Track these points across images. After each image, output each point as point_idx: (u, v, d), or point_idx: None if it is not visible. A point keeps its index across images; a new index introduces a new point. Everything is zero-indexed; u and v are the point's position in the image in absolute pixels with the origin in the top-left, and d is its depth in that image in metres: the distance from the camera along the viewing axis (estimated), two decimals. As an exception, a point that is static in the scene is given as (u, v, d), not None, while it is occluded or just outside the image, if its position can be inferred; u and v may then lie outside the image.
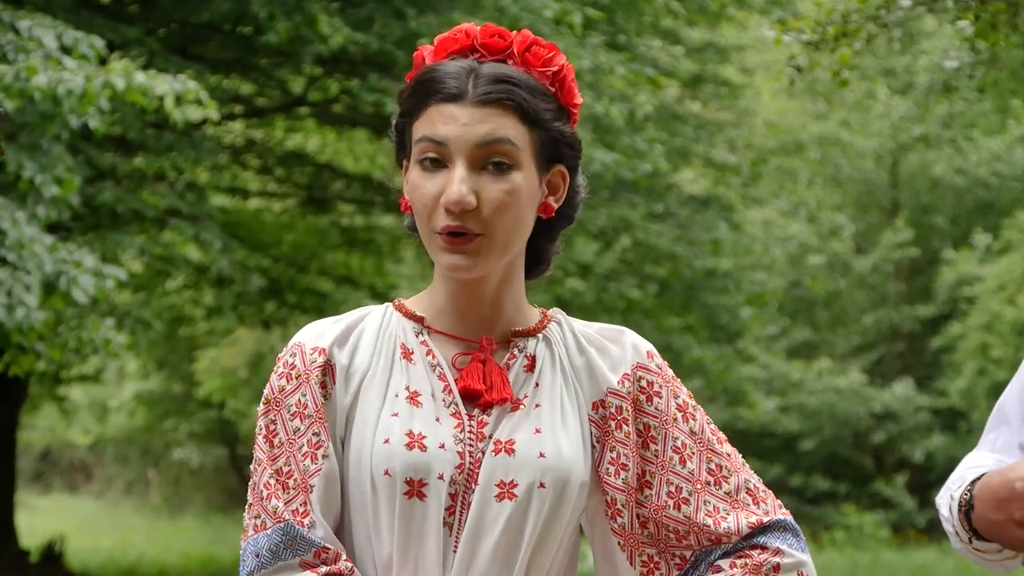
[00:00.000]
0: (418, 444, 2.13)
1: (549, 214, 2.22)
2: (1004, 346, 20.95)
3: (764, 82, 22.25)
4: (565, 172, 2.23)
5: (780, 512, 2.24)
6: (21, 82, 7.96)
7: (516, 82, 2.18)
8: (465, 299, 2.21)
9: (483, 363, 2.19)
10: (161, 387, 26.77)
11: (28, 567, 15.36)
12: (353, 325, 2.23)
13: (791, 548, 2.20)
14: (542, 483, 2.14)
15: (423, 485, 2.12)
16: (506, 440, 2.15)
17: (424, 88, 2.18)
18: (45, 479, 34.02)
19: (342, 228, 15.95)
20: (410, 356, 2.20)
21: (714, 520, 2.20)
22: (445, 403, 2.17)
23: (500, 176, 2.15)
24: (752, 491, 2.23)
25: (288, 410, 2.18)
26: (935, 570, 18.03)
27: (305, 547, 2.12)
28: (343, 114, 14.52)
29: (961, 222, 24.93)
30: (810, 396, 22.82)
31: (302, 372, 2.19)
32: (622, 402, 2.22)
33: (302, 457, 2.16)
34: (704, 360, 16.16)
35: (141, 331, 12.57)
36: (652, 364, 2.25)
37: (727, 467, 2.23)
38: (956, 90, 11.95)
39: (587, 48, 12.18)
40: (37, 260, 8.42)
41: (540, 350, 2.23)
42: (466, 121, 2.15)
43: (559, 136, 2.20)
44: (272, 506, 2.14)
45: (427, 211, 2.16)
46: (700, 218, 15.22)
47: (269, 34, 11.35)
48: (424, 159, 2.16)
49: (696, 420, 2.24)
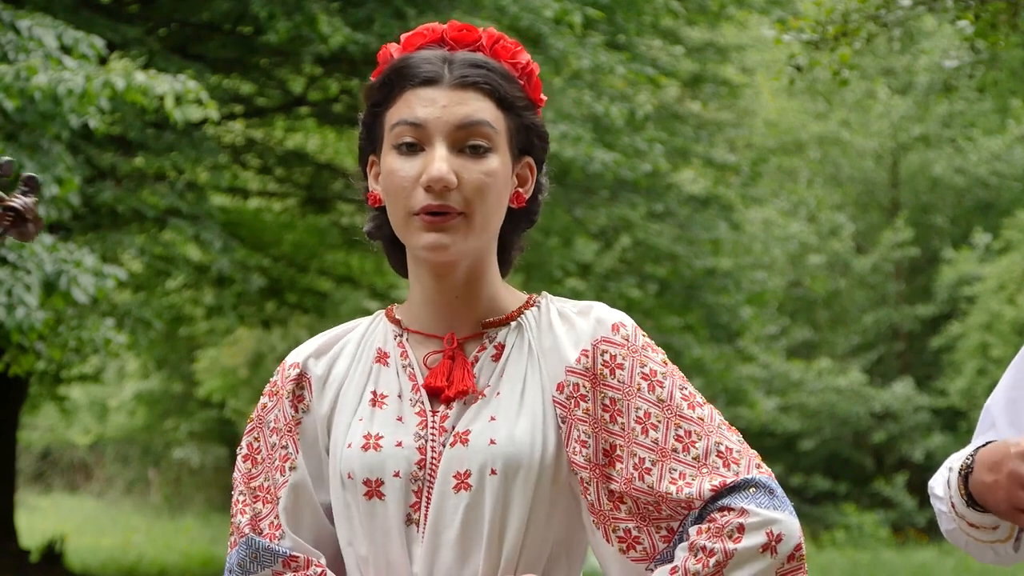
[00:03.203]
0: (373, 445, 2.16)
1: (520, 203, 2.22)
2: (1004, 346, 20.95)
3: (764, 82, 22.24)
4: (533, 165, 2.24)
5: (753, 471, 2.14)
6: (21, 82, 7.96)
7: (491, 68, 2.19)
8: (435, 290, 2.21)
9: (452, 359, 2.20)
10: (161, 387, 26.76)
11: (28, 567, 15.35)
12: (339, 336, 2.27)
13: (760, 507, 2.10)
14: (493, 470, 2.13)
15: (380, 484, 2.15)
16: (463, 431, 2.16)
17: (398, 75, 2.19)
18: (45, 479, 33.99)
19: (342, 228, 15.94)
20: (385, 359, 2.23)
21: (677, 487, 2.13)
22: (412, 402, 2.19)
23: (478, 158, 2.16)
24: (723, 453, 2.15)
25: (268, 426, 2.24)
26: (935, 570, 18.03)
27: (271, 558, 2.17)
28: (343, 114, 14.52)
29: (961, 222, 24.93)
30: (810, 396, 22.81)
31: (279, 388, 2.25)
32: (579, 379, 2.18)
33: (275, 471, 2.21)
34: (704, 360, 16.15)
35: (141, 331, 12.57)
36: (617, 336, 2.19)
37: (697, 431, 2.15)
38: (956, 90, 11.95)
39: (587, 48, 12.18)
40: (37, 260, 8.42)
41: (510, 338, 2.22)
42: (445, 103, 2.15)
43: (531, 125, 2.22)
44: (238, 522, 2.20)
45: (405, 193, 2.16)
46: (700, 218, 15.22)
47: (269, 34, 11.35)
48: (401, 144, 2.17)
49: (664, 387, 2.17)
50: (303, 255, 16.17)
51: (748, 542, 2.09)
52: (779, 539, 2.10)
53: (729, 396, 18.53)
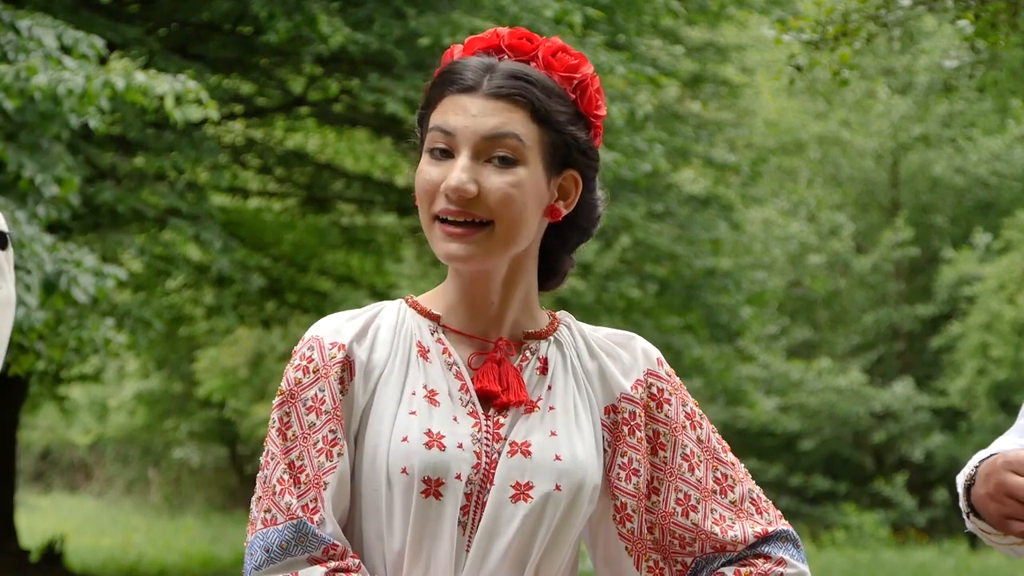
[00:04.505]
0: (437, 443, 2.13)
1: (556, 218, 2.20)
2: (1004, 346, 20.95)
3: (764, 81, 22.25)
4: (577, 178, 2.21)
5: (781, 523, 2.28)
6: (21, 82, 7.96)
7: (531, 80, 2.18)
8: (472, 295, 2.20)
9: (498, 364, 2.20)
10: (161, 387, 26.76)
11: (28, 567, 15.36)
12: (370, 321, 2.22)
13: (793, 559, 2.25)
14: (558, 486, 2.15)
15: (440, 484, 2.12)
16: (522, 442, 2.16)
17: (444, 79, 2.20)
18: (45, 479, 34.00)
19: (342, 228, 15.95)
20: (426, 354, 2.20)
21: (721, 528, 2.23)
22: (462, 403, 2.17)
23: (504, 169, 2.15)
24: (755, 501, 2.27)
25: (304, 404, 2.16)
26: (935, 570, 18.03)
27: (315, 543, 2.11)
28: (343, 114, 14.52)
29: (961, 222, 24.93)
30: (810, 396, 22.82)
31: (320, 367, 2.17)
32: (635, 407, 2.23)
33: (316, 453, 2.14)
34: (704, 359, 16.15)
35: (141, 331, 12.56)
36: (662, 371, 2.27)
37: (732, 476, 2.26)
38: (956, 90, 11.95)
39: (587, 48, 12.18)
40: (37, 260, 8.42)
41: (552, 353, 2.23)
42: (476, 113, 2.15)
43: (572, 140, 2.19)
44: (285, 502, 2.13)
45: (428, 196, 2.17)
46: (700, 217, 15.22)
47: (269, 34, 11.35)
48: (434, 148, 2.17)
49: (703, 428, 2.27)
50: (303, 255, 16.17)
51: None
52: None
53: (729, 396, 18.53)
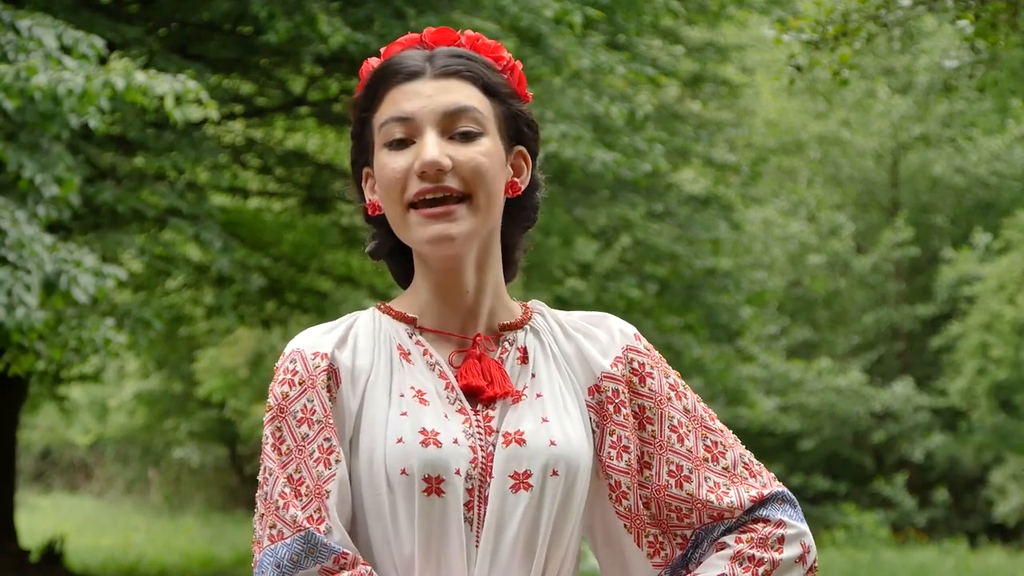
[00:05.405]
0: (433, 441, 2.12)
1: (516, 192, 2.21)
2: (1004, 346, 20.95)
3: (764, 81, 22.25)
4: (527, 155, 2.23)
5: (776, 484, 2.27)
6: (21, 82, 7.96)
7: (474, 58, 2.19)
8: (446, 287, 2.20)
9: (479, 359, 2.20)
10: (161, 387, 26.76)
11: (28, 567, 15.35)
12: (347, 330, 2.22)
13: (791, 519, 2.23)
14: (555, 471, 2.15)
15: (441, 481, 2.12)
16: (514, 431, 2.16)
17: (381, 77, 2.18)
18: (45, 479, 34.00)
19: (342, 228, 15.94)
20: (408, 357, 2.19)
21: (716, 496, 2.22)
22: (450, 401, 2.17)
23: (469, 142, 2.15)
24: (748, 465, 2.26)
25: (294, 416, 2.15)
26: (935, 570, 18.03)
27: (325, 554, 2.10)
28: (343, 114, 14.51)
29: (961, 222, 24.93)
30: (810, 396, 22.82)
31: (305, 378, 2.16)
32: (618, 385, 2.23)
33: (314, 463, 2.14)
34: (704, 359, 16.15)
35: (141, 331, 12.55)
36: (640, 346, 2.26)
37: (722, 443, 2.25)
38: (956, 90, 11.94)
39: (587, 48, 12.18)
40: (37, 259, 8.42)
41: (530, 341, 2.23)
42: (431, 93, 2.15)
43: (519, 113, 2.21)
44: (291, 515, 2.11)
45: (399, 185, 2.15)
46: (700, 217, 15.21)
47: (269, 34, 11.34)
48: (391, 141, 2.16)
49: (688, 398, 2.26)
50: (303, 255, 16.17)
51: (789, 553, 2.22)
52: (808, 550, 2.23)
53: (729, 396, 18.53)
